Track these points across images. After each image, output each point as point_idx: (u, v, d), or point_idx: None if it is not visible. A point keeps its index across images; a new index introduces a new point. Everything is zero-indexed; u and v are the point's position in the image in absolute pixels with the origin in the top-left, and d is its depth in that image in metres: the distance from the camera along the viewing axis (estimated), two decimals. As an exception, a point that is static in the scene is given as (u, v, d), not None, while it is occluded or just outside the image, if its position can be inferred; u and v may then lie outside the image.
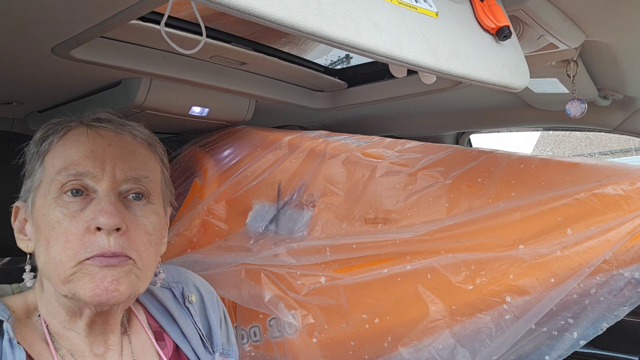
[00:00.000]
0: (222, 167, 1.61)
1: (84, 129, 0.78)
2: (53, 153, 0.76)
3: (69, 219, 0.72)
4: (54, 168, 0.75)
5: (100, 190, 0.74)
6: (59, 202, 0.73)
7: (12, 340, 0.69)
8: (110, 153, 0.76)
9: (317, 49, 1.57)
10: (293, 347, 1.21)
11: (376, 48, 0.64)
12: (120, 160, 0.76)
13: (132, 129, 0.81)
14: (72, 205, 0.73)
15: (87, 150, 0.75)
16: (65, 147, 0.76)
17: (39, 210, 0.74)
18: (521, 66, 0.90)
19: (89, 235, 0.71)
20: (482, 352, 1.04)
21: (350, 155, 1.42)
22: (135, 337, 0.84)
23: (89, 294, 0.70)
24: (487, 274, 1.04)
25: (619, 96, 1.52)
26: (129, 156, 0.78)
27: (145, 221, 0.77)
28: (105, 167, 0.75)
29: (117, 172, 0.75)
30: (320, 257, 1.22)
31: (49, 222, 0.72)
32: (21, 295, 0.80)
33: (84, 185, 0.74)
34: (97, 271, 0.70)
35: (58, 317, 0.76)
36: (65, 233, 0.71)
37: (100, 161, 0.75)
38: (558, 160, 1.16)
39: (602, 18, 1.05)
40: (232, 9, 0.50)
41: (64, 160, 0.75)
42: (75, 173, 0.73)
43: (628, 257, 0.96)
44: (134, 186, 0.77)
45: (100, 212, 0.71)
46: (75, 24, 0.90)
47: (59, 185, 0.73)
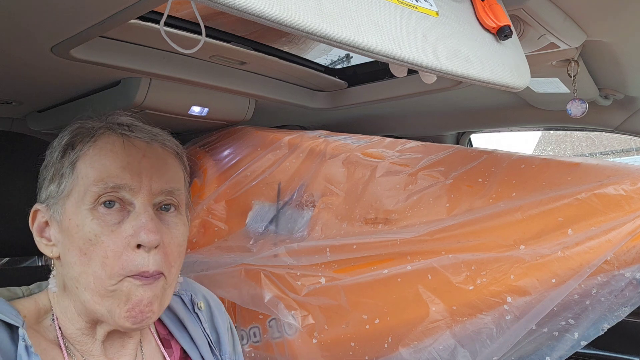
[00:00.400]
0: (221, 167, 1.61)
1: (118, 139, 0.76)
2: (86, 160, 0.74)
3: (107, 233, 0.71)
4: (89, 178, 0.73)
5: (138, 204, 0.73)
6: (95, 214, 0.71)
7: (30, 348, 0.68)
8: (145, 165, 0.75)
9: (317, 49, 1.57)
10: (293, 348, 1.20)
11: (376, 47, 0.64)
12: (155, 173, 0.75)
13: (163, 139, 0.81)
14: (109, 218, 0.72)
15: (123, 162, 0.74)
16: (99, 156, 0.74)
17: (72, 220, 0.72)
18: (522, 66, 0.90)
19: (129, 252, 0.71)
20: (483, 352, 1.04)
21: (351, 155, 1.42)
22: (146, 345, 0.85)
23: (125, 315, 0.70)
24: (488, 274, 1.04)
25: (619, 96, 1.52)
26: (162, 168, 0.77)
27: (177, 233, 0.77)
28: (142, 179, 0.74)
29: (153, 184, 0.75)
30: (320, 257, 1.22)
31: (85, 234, 0.71)
32: (31, 299, 0.79)
33: (120, 197, 0.73)
34: (135, 290, 0.70)
35: (77, 324, 0.76)
36: (104, 248, 0.70)
37: (137, 174, 0.74)
38: (559, 160, 1.16)
39: (603, 18, 1.04)
40: (232, 8, 0.50)
41: (99, 171, 0.73)
42: (114, 186, 0.72)
43: (629, 258, 0.96)
44: (167, 198, 0.77)
45: (142, 229, 0.71)
46: (74, 24, 0.90)
47: (95, 196, 0.72)
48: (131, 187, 0.73)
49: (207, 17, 1.24)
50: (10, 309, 0.72)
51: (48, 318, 0.77)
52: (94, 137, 0.76)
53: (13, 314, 0.71)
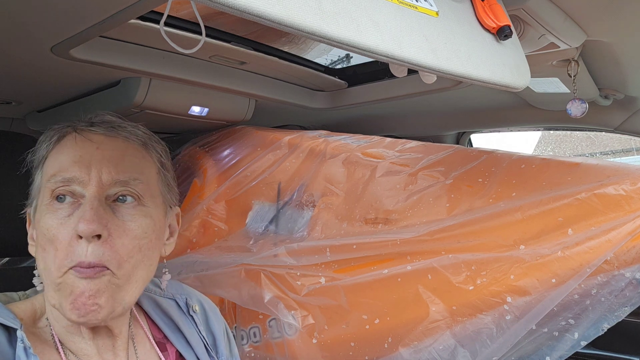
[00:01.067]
0: (221, 167, 1.60)
1: (76, 136, 0.78)
2: (49, 160, 0.77)
3: (57, 226, 0.71)
4: (47, 175, 0.76)
5: (87, 195, 0.73)
6: (49, 209, 0.73)
7: (28, 349, 0.68)
8: (97, 157, 0.75)
9: (317, 49, 1.57)
10: (293, 348, 1.20)
11: (376, 47, 0.64)
12: (107, 164, 0.75)
13: (124, 131, 0.79)
14: (60, 212, 0.72)
15: (75, 156, 0.75)
16: (57, 154, 0.77)
17: (37, 218, 0.75)
18: (522, 66, 0.90)
19: (74, 243, 0.70)
20: (483, 352, 1.04)
21: (351, 155, 1.42)
22: (140, 346, 0.84)
23: (69, 307, 0.69)
24: (488, 274, 1.04)
25: (620, 96, 1.52)
26: (118, 159, 0.76)
27: (133, 225, 0.74)
28: (91, 171, 0.74)
29: (103, 175, 0.74)
30: (320, 257, 1.22)
31: (43, 230, 0.72)
32: (28, 301, 0.80)
33: (71, 191, 0.73)
34: (77, 283, 0.69)
35: (61, 321, 0.76)
36: (54, 240, 0.71)
37: (87, 166, 0.74)
38: (559, 160, 1.15)
39: (603, 17, 1.04)
40: (232, 8, 0.50)
41: (54, 167, 0.75)
42: (63, 179, 0.73)
43: (629, 258, 0.96)
44: (121, 189, 0.75)
45: (81, 219, 0.70)
46: (74, 24, 0.90)
47: (50, 192, 0.74)
48: (80, 179, 0.73)
49: (207, 17, 1.24)
50: (7, 312, 0.72)
51: (44, 319, 0.77)
52: (58, 137, 0.78)
53: (10, 317, 0.71)
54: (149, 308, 0.89)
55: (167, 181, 0.85)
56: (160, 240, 0.81)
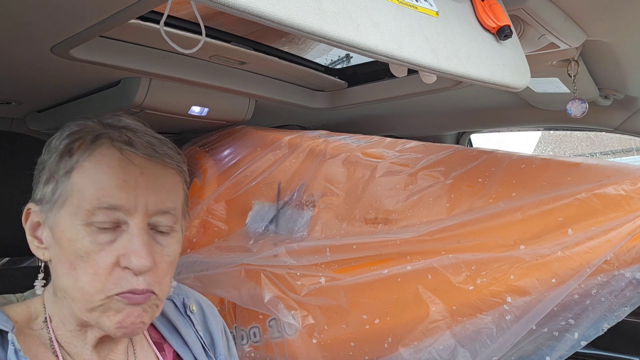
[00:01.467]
0: (221, 167, 1.60)
1: (115, 153, 0.73)
2: (82, 172, 0.72)
3: (97, 251, 0.70)
4: (84, 193, 0.70)
5: (132, 224, 0.71)
6: (88, 232, 0.70)
7: (18, 352, 0.68)
8: (142, 184, 0.73)
9: (317, 49, 1.57)
10: (293, 348, 1.20)
11: (376, 47, 0.64)
12: (152, 192, 0.73)
13: (165, 156, 0.76)
14: (102, 237, 0.70)
15: (119, 179, 0.71)
16: (95, 170, 0.71)
17: (64, 232, 0.71)
18: (522, 66, 0.90)
19: (118, 270, 0.70)
20: (483, 352, 1.04)
21: (351, 155, 1.42)
22: (138, 347, 0.85)
23: (115, 325, 0.70)
24: (488, 274, 1.04)
25: (620, 96, 1.52)
26: (160, 187, 0.75)
27: (169, 251, 0.76)
28: (137, 200, 0.72)
29: (149, 205, 0.73)
30: (320, 257, 1.22)
31: (77, 250, 0.70)
32: (23, 304, 0.79)
33: (114, 220, 0.71)
34: (123, 307, 0.70)
35: (69, 326, 0.75)
36: (93, 265, 0.69)
37: (133, 193, 0.71)
38: (559, 160, 1.15)
39: (603, 17, 1.04)
40: (232, 8, 0.50)
41: (95, 187, 0.71)
42: (108, 206, 0.70)
43: (629, 258, 0.96)
44: (162, 219, 0.75)
45: (133, 253, 0.69)
46: (74, 24, 0.90)
47: (89, 214, 0.70)
48: (126, 208, 0.71)
49: (207, 17, 1.24)
50: (0, 314, 0.72)
51: (40, 322, 0.76)
52: (92, 147, 0.73)
53: (3, 320, 0.71)
54: None
55: (187, 199, 0.84)
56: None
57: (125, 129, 0.76)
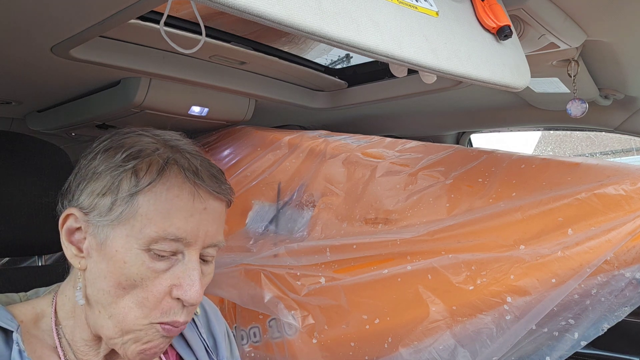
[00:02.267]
0: (221, 167, 1.59)
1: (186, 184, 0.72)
2: (150, 197, 0.70)
3: (152, 278, 0.70)
4: (150, 220, 0.69)
5: (188, 256, 0.72)
6: (146, 258, 0.69)
7: (23, 353, 0.67)
8: (204, 219, 0.73)
9: (317, 49, 1.57)
10: (293, 348, 1.20)
11: (376, 47, 0.64)
12: (210, 228, 0.74)
13: (224, 192, 0.78)
14: (159, 265, 0.70)
15: (187, 214, 0.71)
16: (165, 199, 0.70)
17: (119, 252, 0.69)
18: (522, 66, 0.90)
19: (168, 299, 0.70)
20: (483, 352, 1.04)
21: (351, 155, 1.42)
22: None
23: (138, 351, 0.71)
24: (488, 274, 1.04)
25: (620, 96, 1.52)
26: (218, 222, 0.76)
27: (207, 280, 0.77)
28: (199, 234, 0.72)
29: (206, 238, 0.74)
30: (320, 257, 1.22)
31: (131, 274, 0.69)
32: (28, 304, 0.78)
33: (174, 250, 0.71)
34: (157, 337, 0.71)
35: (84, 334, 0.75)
36: (145, 292, 0.69)
37: (196, 228, 0.72)
38: (559, 160, 1.16)
39: (603, 17, 1.04)
40: (232, 8, 0.50)
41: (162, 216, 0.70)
42: (174, 238, 0.70)
43: (629, 258, 0.96)
44: (211, 251, 0.76)
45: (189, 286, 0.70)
46: (74, 24, 0.90)
47: (152, 241, 0.69)
48: (188, 240, 0.71)
49: (207, 17, 1.24)
50: (6, 313, 0.71)
51: (46, 323, 0.75)
52: (162, 172, 0.71)
53: (8, 319, 0.70)
54: None
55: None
56: None
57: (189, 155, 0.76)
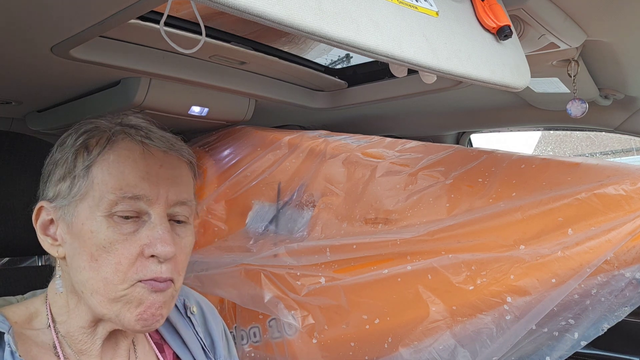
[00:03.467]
0: (221, 167, 1.60)
1: (136, 146, 0.75)
2: (103, 165, 0.73)
3: (121, 241, 0.71)
4: (106, 185, 0.72)
5: (154, 214, 0.73)
6: (111, 223, 0.71)
7: (14, 354, 0.68)
8: (162, 175, 0.75)
9: (317, 49, 1.57)
10: (293, 348, 1.20)
11: (376, 47, 0.64)
12: (171, 183, 0.76)
13: (180, 149, 0.80)
14: (125, 227, 0.71)
15: (142, 171, 0.73)
16: (117, 163, 0.73)
17: (85, 225, 0.71)
18: (522, 66, 0.90)
19: (142, 259, 0.71)
20: (483, 352, 1.04)
21: (351, 155, 1.42)
22: (140, 348, 0.85)
23: (135, 318, 0.71)
24: (488, 274, 1.04)
25: (620, 96, 1.52)
26: (178, 179, 0.78)
27: (186, 242, 0.78)
28: (159, 190, 0.74)
29: (169, 195, 0.75)
30: (320, 257, 1.22)
31: (99, 241, 0.70)
32: (22, 304, 0.78)
33: (137, 209, 0.72)
34: (147, 295, 0.71)
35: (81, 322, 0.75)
36: (118, 255, 0.70)
37: (155, 184, 0.74)
38: (559, 160, 1.15)
39: (603, 17, 1.04)
40: (232, 8, 0.50)
41: (117, 178, 0.72)
42: (132, 196, 0.72)
43: (629, 258, 0.96)
44: (180, 210, 0.77)
45: (159, 241, 0.71)
46: (74, 24, 0.90)
47: (112, 204, 0.71)
48: (149, 197, 0.72)
49: (207, 17, 1.24)
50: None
51: (40, 322, 0.76)
52: (111, 142, 0.75)
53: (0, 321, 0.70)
54: None
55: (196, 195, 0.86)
56: None
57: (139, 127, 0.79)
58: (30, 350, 0.72)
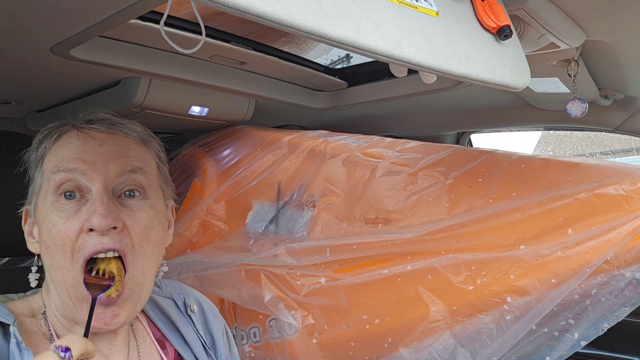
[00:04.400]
0: (221, 167, 1.60)
1: (75, 132, 0.79)
2: (49, 156, 0.78)
3: (63, 220, 0.73)
4: (48, 170, 0.76)
5: (94, 189, 0.74)
6: (55, 205, 0.74)
7: (20, 344, 0.69)
8: (102, 152, 0.77)
9: (317, 49, 1.57)
10: (293, 348, 1.20)
11: (376, 47, 0.64)
12: (112, 157, 0.77)
13: (124, 127, 0.82)
14: (67, 208, 0.74)
15: (78, 151, 0.76)
16: (58, 150, 0.78)
17: (40, 214, 0.76)
18: (522, 66, 0.90)
19: (84, 235, 0.72)
20: (483, 352, 1.04)
21: (351, 155, 1.42)
22: (142, 343, 0.85)
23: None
24: (488, 274, 1.04)
25: (620, 96, 1.52)
26: (123, 153, 0.79)
27: (142, 215, 0.77)
28: (96, 165, 0.75)
29: (109, 167, 0.76)
30: (320, 257, 1.22)
31: (47, 225, 0.73)
32: (25, 300, 0.81)
33: (77, 185, 0.74)
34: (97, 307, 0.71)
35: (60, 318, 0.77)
36: (61, 236, 0.72)
37: (91, 160, 0.76)
38: (559, 160, 1.15)
39: (603, 17, 1.04)
40: (232, 8, 0.50)
41: (56, 160, 0.76)
42: (65, 169, 0.74)
43: (629, 258, 0.96)
44: (128, 180, 0.77)
45: (94, 214, 0.72)
46: (74, 24, 0.90)
47: (55, 185, 0.74)
48: (84, 171, 0.74)
49: (207, 17, 1.24)
50: (2, 308, 0.73)
51: (40, 316, 0.78)
52: (58, 135, 0.79)
53: (5, 313, 0.72)
54: (148, 307, 0.90)
55: (165, 175, 0.88)
56: (165, 231, 0.84)
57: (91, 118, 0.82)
58: (34, 340, 0.74)
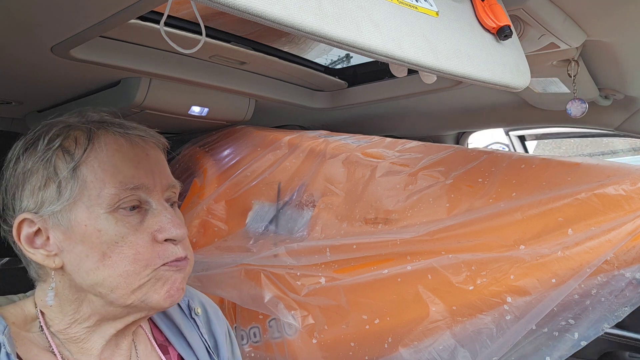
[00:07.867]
0: (221, 167, 1.60)
1: (118, 138, 0.75)
2: (92, 164, 0.72)
3: (132, 232, 0.72)
4: (103, 182, 0.71)
5: (154, 202, 0.75)
6: (117, 217, 0.71)
7: (10, 355, 0.66)
8: (152, 162, 0.77)
9: (317, 49, 1.57)
10: (293, 348, 1.20)
11: (376, 47, 0.64)
12: (160, 169, 0.78)
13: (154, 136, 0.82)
14: (132, 219, 0.73)
15: (133, 161, 0.74)
16: (107, 157, 0.73)
17: (89, 226, 0.70)
18: (522, 66, 0.90)
19: (157, 245, 0.73)
20: (483, 352, 1.04)
21: (351, 155, 1.42)
22: (141, 348, 0.84)
23: (164, 296, 0.74)
24: (488, 274, 1.04)
25: (620, 96, 1.52)
26: (162, 163, 0.80)
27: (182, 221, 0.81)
28: (154, 177, 0.76)
29: (162, 181, 0.77)
30: (320, 257, 1.22)
31: (111, 238, 0.70)
32: (17, 305, 0.77)
33: (138, 199, 0.74)
34: (171, 274, 0.74)
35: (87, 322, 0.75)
36: (133, 246, 0.71)
37: (150, 172, 0.76)
38: (559, 160, 1.15)
39: (603, 17, 1.04)
40: (232, 8, 0.50)
41: (112, 173, 0.72)
42: (133, 187, 0.72)
43: (629, 258, 0.96)
44: (172, 194, 0.81)
45: (171, 225, 0.74)
46: (74, 24, 0.90)
47: (114, 199, 0.71)
48: (147, 186, 0.74)
49: (207, 17, 1.24)
50: None
51: (36, 326, 0.75)
52: (92, 139, 0.73)
53: None
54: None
55: None
56: None
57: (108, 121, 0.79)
58: (30, 351, 0.71)
